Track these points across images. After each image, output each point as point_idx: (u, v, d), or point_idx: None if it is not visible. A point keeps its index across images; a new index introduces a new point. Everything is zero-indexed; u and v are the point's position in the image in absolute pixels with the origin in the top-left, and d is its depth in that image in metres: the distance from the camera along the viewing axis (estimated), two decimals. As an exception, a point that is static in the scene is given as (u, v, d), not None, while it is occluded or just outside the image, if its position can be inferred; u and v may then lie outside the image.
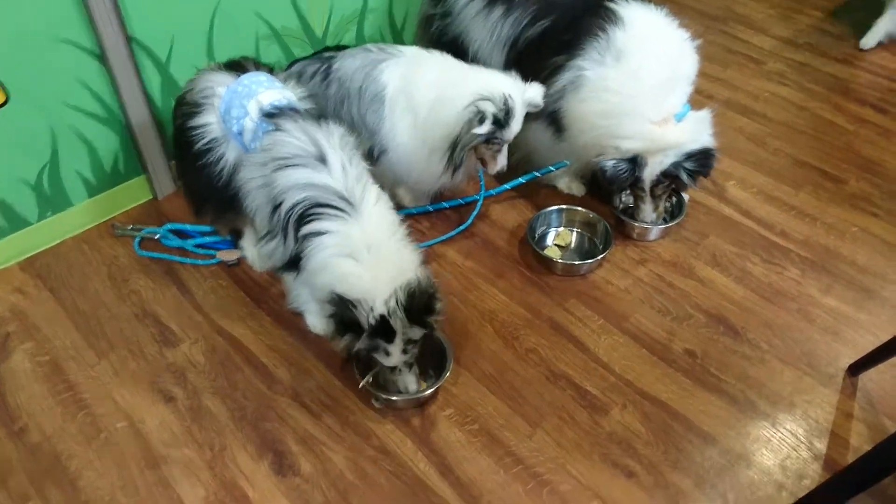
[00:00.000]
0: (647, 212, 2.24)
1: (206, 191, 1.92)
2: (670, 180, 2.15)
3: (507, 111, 1.99)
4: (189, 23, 2.23)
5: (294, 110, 1.79)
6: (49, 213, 2.25)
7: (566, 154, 2.33)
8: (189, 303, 2.11)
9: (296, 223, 1.67)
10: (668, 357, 1.97)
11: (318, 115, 1.82)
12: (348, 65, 2.15)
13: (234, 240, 2.21)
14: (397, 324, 1.63)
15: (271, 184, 1.71)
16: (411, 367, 1.77)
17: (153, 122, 2.28)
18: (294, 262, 1.73)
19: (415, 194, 2.38)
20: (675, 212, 2.33)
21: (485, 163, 2.15)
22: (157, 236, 2.28)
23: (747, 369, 1.94)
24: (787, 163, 2.63)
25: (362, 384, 1.78)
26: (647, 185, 2.16)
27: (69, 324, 2.06)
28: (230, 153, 1.85)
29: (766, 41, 3.30)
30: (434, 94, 2.07)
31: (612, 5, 2.09)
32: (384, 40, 2.77)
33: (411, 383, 1.78)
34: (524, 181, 2.42)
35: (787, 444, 1.78)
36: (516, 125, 2.05)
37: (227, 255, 2.22)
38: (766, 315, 2.08)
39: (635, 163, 2.09)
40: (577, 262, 2.22)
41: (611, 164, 2.11)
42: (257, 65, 1.97)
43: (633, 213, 2.30)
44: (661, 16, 2.11)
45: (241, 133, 1.81)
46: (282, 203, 1.68)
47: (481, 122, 1.97)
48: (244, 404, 1.86)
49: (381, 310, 1.61)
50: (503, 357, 1.97)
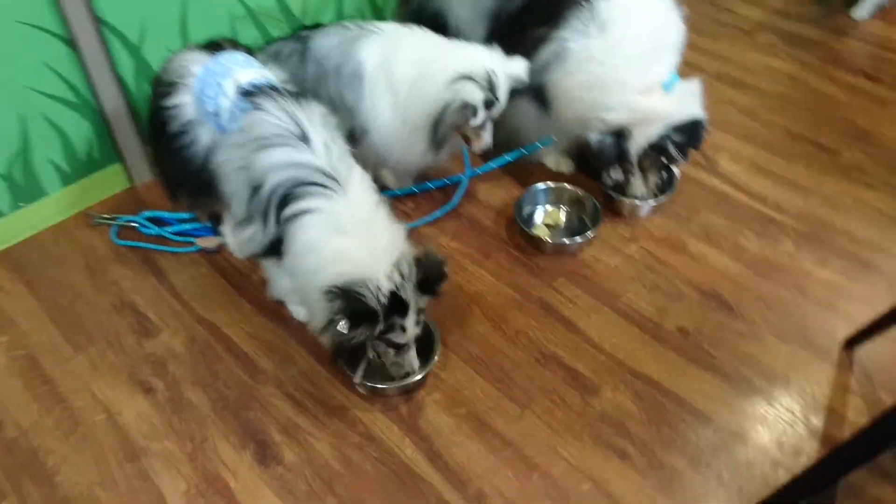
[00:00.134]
0: (637, 186, 2.19)
1: (181, 174, 1.86)
2: (658, 153, 2.10)
3: (492, 87, 1.94)
4: (160, 4, 2.16)
5: (273, 88, 1.73)
6: (22, 204, 2.19)
7: (553, 130, 2.27)
8: (168, 292, 2.06)
9: (278, 204, 1.60)
10: (661, 335, 1.93)
11: (297, 94, 1.75)
12: (325, 43, 2.09)
13: (214, 226, 2.15)
14: (408, 295, 1.58)
15: (251, 165, 1.65)
16: (413, 344, 1.72)
17: (127, 108, 2.22)
18: (275, 248, 1.67)
19: (398, 175, 2.33)
20: (666, 187, 2.28)
21: (469, 141, 2.09)
22: (135, 225, 2.23)
23: (741, 345, 1.90)
24: (780, 135, 2.57)
25: (359, 381, 1.73)
26: (634, 158, 2.10)
27: (45, 317, 2.01)
28: (205, 134, 1.78)
29: (756, 12, 3.23)
30: (415, 72, 2.01)
31: (595, -25, 2.03)
32: (364, 18, 2.70)
33: (416, 360, 1.73)
34: (511, 159, 2.36)
35: (783, 421, 1.74)
36: (501, 101, 1.99)
37: (207, 242, 2.16)
38: (760, 290, 2.03)
39: (622, 136, 2.04)
40: (566, 241, 2.17)
41: (597, 137, 2.06)
42: (235, 45, 1.91)
43: (623, 189, 2.24)
44: (645, -16, 2.04)
45: (217, 113, 1.74)
46: (262, 184, 1.62)
47: (474, 113, 1.94)
48: (226, 394, 1.82)
49: (388, 286, 1.55)
50: (491, 339, 1.93)
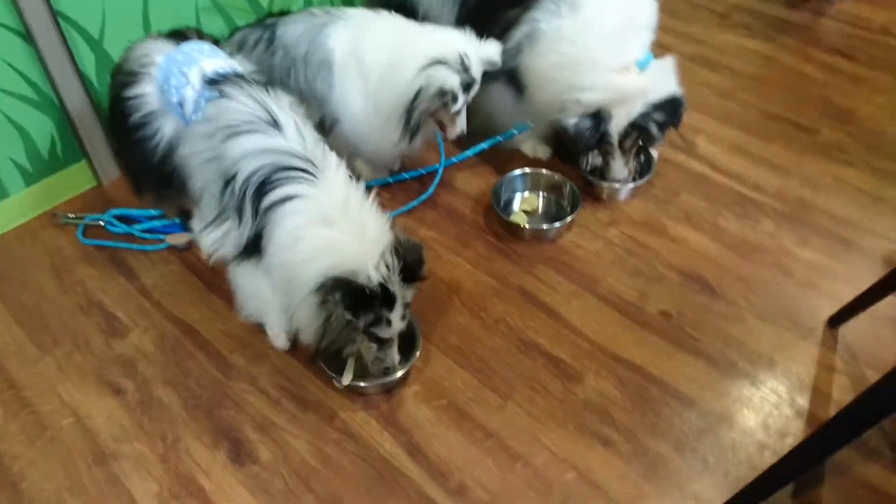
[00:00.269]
0: (619, 168, 2.15)
1: (143, 167, 1.78)
2: (639, 132, 2.06)
3: (466, 69, 1.89)
4: (120, -5, 2.10)
5: (239, 76, 1.67)
6: (-17, 205, 2.13)
7: (528, 115, 2.23)
8: (137, 290, 2.00)
9: (255, 195, 1.53)
10: (643, 319, 1.89)
11: (265, 84, 1.69)
12: (292, 31, 2.03)
13: (184, 222, 2.08)
14: (395, 287, 1.52)
15: (221, 156, 1.58)
16: (396, 339, 1.66)
17: (91, 104, 2.16)
18: (254, 245, 1.58)
19: (373, 165, 2.28)
20: (644, 170, 2.24)
21: (443, 127, 2.04)
22: (102, 223, 2.17)
23: (725, 328, 1.87)
24: (758, 115, 2.55)
25: (347, 384, 1.68)
26: (615, 138, 2.07)
27: (10, 319, 1.94)
28: (168, 126, 1.72)
29: (730, -6, 3.22)
30: (385, 58, 1.96)
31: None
32: (332, 3, 2.64)
33: (397, 356, 1.67)
34: (486, 147, 2.33)
35: (768, 403, 1.71)
36: (475, 85, 1.95)
37: (177, 239, 2.10)
38: (742, 271, 2.01)
39: (599, 117, 2.00)
40: (544, 227, 2.13)
41: (573, 121, 2.02)
42: (200, 35, 1.85)
43: (601, 174, 2.20)
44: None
45: (181, 104, 1.67)
46: (235, 175, 1.55)
47: (455, 99, 1.90)
48: (198, 393, 1.76)
49: (377, 277, 1.49)
50: (470, 329, 1.88)
